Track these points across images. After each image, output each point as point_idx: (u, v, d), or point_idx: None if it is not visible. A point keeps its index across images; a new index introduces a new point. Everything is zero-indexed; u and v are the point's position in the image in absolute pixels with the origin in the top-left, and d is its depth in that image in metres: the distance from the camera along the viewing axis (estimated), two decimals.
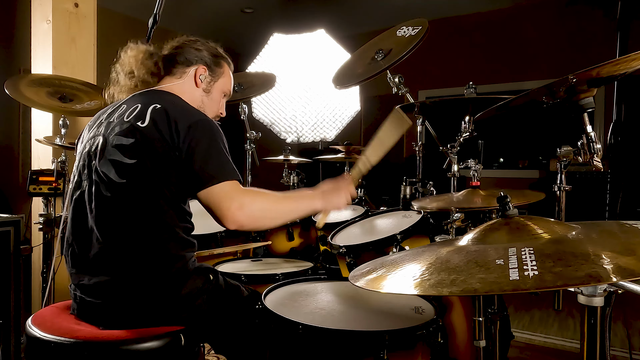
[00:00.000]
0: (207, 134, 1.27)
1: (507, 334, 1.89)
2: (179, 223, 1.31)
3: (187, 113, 1.32)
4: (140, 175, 1.25)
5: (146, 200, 1.25)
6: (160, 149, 1.25)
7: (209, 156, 1.25)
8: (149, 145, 1.26)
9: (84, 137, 1.43)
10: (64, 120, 2.38)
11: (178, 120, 1.27)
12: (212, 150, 1.26)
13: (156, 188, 1.25)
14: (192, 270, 1.33)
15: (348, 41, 3.70)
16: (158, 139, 1.25)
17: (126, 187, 1.25)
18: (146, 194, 1.25)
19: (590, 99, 1.12)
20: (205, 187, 1.22)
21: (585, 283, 0.62)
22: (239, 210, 1.21)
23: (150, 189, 1.25)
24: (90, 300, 1.27)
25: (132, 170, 1.25)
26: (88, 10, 2.92)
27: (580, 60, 2.70)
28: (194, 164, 1.23)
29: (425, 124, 2.28)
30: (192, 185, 1.24)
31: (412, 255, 0.91)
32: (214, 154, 1.26)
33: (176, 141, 1.24)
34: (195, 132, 1.25)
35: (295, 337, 1.24)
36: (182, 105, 1.37)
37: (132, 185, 1.25)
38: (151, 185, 1.25)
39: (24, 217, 2.38)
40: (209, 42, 1.56)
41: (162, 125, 1.26)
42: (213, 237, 2.12)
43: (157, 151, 1.25)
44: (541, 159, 5.70)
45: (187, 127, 1.26)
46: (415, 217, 1.96)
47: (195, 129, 1.26)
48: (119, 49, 1.49)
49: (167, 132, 1.25)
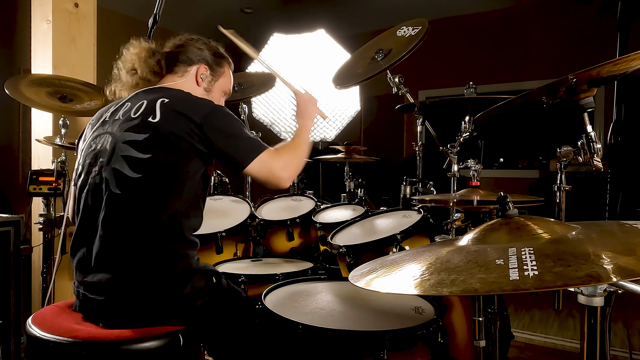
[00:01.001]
0: (224, 120, 1.35)
1: (507, 334, 1.89)
2: (185, 221, 1.31)
3: (198, 104, 1.36)
4: (155, 169, 1.27)
5: (157, 196, 1.26)
6: (177, 142, 1.27)
7: (236, 137, 1.35)
8: (163, 139, 1.28)
9: (87, 136, 1.43)
10: (64, 120, 2.38)
11: (192, 112, 1.30)
12: (236, 130, 1.36)
13: (168, 182, 1.27)
14: (195, 269, 1.34)
15: (348, 41, 3.70)
16: (173, 132, 1.28)
17: (141, 182, 1.26)
18: (158, 189, 1.27)
19: (590, 98, 1.12)
20: (248, 165, 1.34)
21: (585, 283, 0.62)
22: (284, 170, 1.40)
23: (163, 183, 1.27)
24: (93, 297, 1.28)
25: (146, 165, 1.26)
26: (88, 10, 2.92)
27: (580, 60, 2.70)
28: (225, 150, 1.33)
29: (425, 124, 2.28)
30: (232, 169, 1.36)
31: (412, 255, 0.91)
32: (238, 133, 1.36)
33: (197, 132, 1.29)
34: (214, 121, 1.32)
35: (295, 337, 1.24)
36: (189, 97, 1.40)
37: (147, 180, 1.26)
38: (165, 180, 1.27)
39: (24, 217, 2.38)
40: (210, 42, 1.57)
41: (175, 119, 1.29)
42: (213, 237, 2.12)
43: (173, 145, 1.27)
44: (541, 159, 5.70)
45: (204, 118, 1.30)
46: (415, 217, 1.96)
47: (212, 118, 1.32)
48: (121, 46, 1.50)
49: (183, 125, 1.28)
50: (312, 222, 2.31)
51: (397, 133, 6.25)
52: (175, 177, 1.28)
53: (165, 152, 1.27)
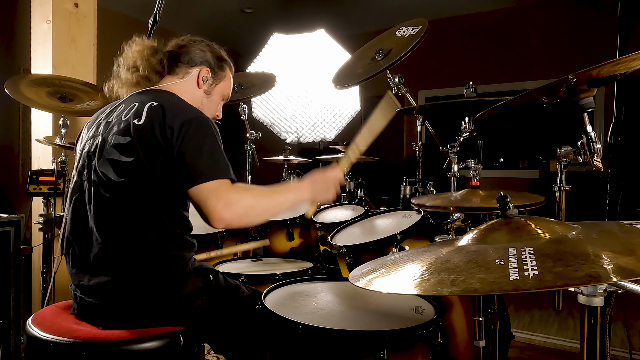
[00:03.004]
0: (201, 131, 1.26)
1: (507, 334, 1.88)
2: (177, 222, 1.30)
3: (183, 111, 1.30)
4: (137, 173, 1.24)
5: (144, 199, 1.25)
6: (155, 146, 1.23)
7: (201, 154, 1.23)
8: (144, 143, 1.25)
9: (83, 137, 1.42)
10: (64, 120, 2.38)
11: (173, 117, 1.26)
12: (205, 147, 1.24)
13: (153, 186, 1.25)
14: (191, 270, 1.33)
15: (348, 41, 3.71)
16: (152, 136, 1.24)
17: (124, 185, 1.24)
18: (144, 192, 1.25)
19: (590, 99, 1.12)
20: (194, 185, 1.20)
21: (585, 283, 0.62)
22: (226, 209, 1.19)
23: (147, 187, 1.25)
24: (90, 300, 1.28)
25: (129, 169, 1.25)
26: (88, 10, 2.92)
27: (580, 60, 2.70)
28: (185, 161, 1.22)
29: (425, 124, 2.28)
30: (183, 183, 1.22)
31: (412, 255, 0.91)
32: (207, 151, 1.24)
33: (169, 138, 1.23)
34: (188, 129, 1.24)
35: (295, 337, 1.24)
36: (179, 103, 1.36)
37: (130, 184, 1.24)
38: (148, 184, 1.25)
39: (24, 217, 2.38)
40: (213, 45, 1.55)
41: (156, 123, 1.25)
42: (213, 237, 2.12)
43: (152, 149, 1.24)
44: (541, 159, 5.70)
45: (181, 124, 1.24)
46: (415, 217, 1.96)
47: (189, 126, 1.24)
48: (124, 43, 1.48)
49: (161, 130, 1.24)
50: (312, 222, 2.31)
51: (397, 133, 6.25)
52: (155, 181, 1.24)
53: (147, 155, 1.24)
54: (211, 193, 1.20)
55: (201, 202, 1.20)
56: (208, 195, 1.20)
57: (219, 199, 1.19)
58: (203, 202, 1.20)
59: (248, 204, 1.24)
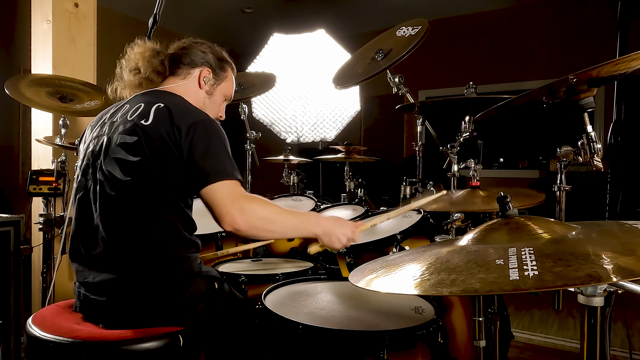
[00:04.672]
0: (208, 133, 1.29)
1: (507, 334, 1.89)
2: (182, 222, 1.31)
3: (190, 113, 1.33)
4: (143, 172, 1.26)
5: (150, 198, 1.26)
6: (162, 147, 1.26)
7: (210, 154, 1.26)
8: (151, 143, 1.27)
9: (87, 138, 1.44)
10: (64, 120, 2.38)
11: (180, 119, 1.28)
12: (213, 148, 1.27)
13: (159, 186, 1.26)
14: (197, 273, 1.34)
15: (348, 41, 3.70)
16: (160, 137, 1.26)
17: (131, 184, 1.26)
18: (149, 191, 1.26)
19: (590, 99, 1.12)
20: (206, 185, 1.23)
21: (585, 283, 0.62)
22: (239, 214, 1.21)
23: (153, 186, 1.26)
24: (94, 298, 1.28)
25: (136, 168, 1.26)
26: (88, 10, 2.92)
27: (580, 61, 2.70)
28: (195, 161, 1.25)
29: (425, 124, 2.28)
30: (194, 183, 1.25)
31: (412, 255, 0.91)
32: (215, 152, 1.27)
33: (177, 139, 1.26)
34: (196, 131, 1.27)
35: (295, 337, 1.24)
36: (185, 105, 1.38)
37: (137, 183, 1.26)
38: (154, 183, 1.26)
39: (24, 217, 2.38)
40: (214, 46, 1.56)
41: (164, 124, 1.28)
42: (213, 237, 2.12)
43: (158, 149, 1.26)
44: (541, 159, 5.70)
45: (188, 126, 1.27)
46: (415, 217, 1.96)
47: (196, 128, 1.27)
48: (126, 45, 1.49)
49: (169, 131, 1.27)
50: None
51: (397, 133, 6.25)
52: (161, 181, 1.26)
53: (153, 155, 1.26)
54: (226, 196, 1.22)
55: (214, 203, 1.23)
56: (222, 197, 1.22)
57: (234, 203, 1.22)
58: (217, 203, 1.23)
59: (262, 215, 1.25)
